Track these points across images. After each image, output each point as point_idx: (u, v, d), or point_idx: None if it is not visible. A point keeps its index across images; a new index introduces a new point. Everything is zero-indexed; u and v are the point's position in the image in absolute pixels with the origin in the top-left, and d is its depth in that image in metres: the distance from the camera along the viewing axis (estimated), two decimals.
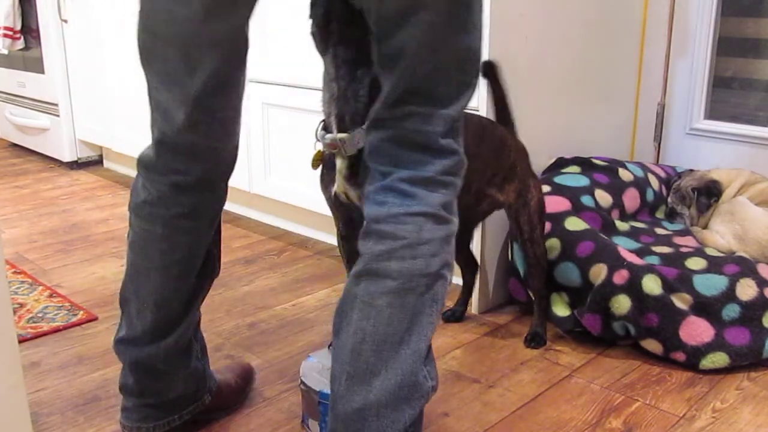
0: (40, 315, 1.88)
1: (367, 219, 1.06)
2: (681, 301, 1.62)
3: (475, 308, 1.90)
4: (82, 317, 1.87)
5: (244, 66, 1.14)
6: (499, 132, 1.60)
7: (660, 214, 2.17)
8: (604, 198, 1.97)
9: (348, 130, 1.16)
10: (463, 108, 1.07)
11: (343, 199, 1.26)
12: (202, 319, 1.35)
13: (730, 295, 1.62)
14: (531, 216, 1.67)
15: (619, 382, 1.58)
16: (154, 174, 1.17)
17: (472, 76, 1.05)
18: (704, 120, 2.33)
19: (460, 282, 1.87)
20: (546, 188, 1.89)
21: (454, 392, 1.54)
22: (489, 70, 1.64)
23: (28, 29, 3.40)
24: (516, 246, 1.83)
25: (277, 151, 2.37)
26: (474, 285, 1.88)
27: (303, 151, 2.23)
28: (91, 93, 3.21)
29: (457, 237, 1.10)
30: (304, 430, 1.41)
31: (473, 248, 1.85)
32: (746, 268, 1.68)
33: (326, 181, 1.28)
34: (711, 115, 2.33)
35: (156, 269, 1.20)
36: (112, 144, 3.17)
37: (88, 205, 2.87)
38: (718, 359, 1.59)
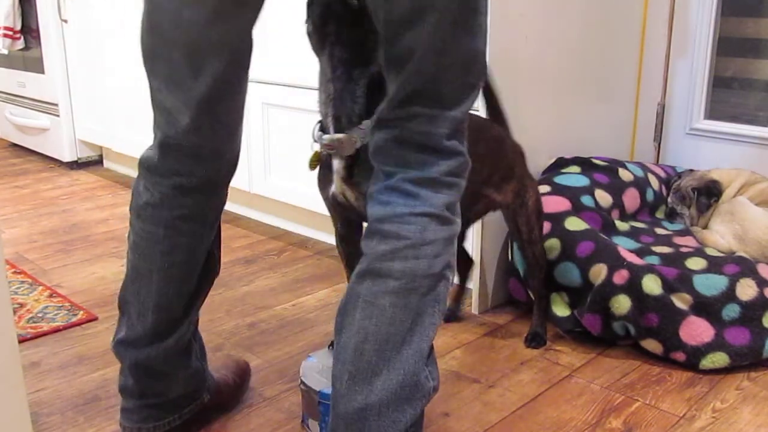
0: (40, 315, 1.88)
1: (371, 218, 1.06)
2: (681, 301, 1.62)
3: (475, 308, 1.90)
4: (82, 317, 1.88)
5: (247, 68, 1.14)
6: (496, 132, 1.60)
7: (660, 214, 2.17)
8: (604, 198, 1.97)
9: (345, 130, 1.16)
10: (468, 109, 1.07)
11: (341, 199, 1.25)
12: (202, 319, 1.35)
13: (730, 295, 1.62)
14: (529, 216, 1.66)
15: (619, 382, 1.58)
16: (157, 176, 1.17)
17: (477, 78, 1.06)
18: (704, 120, 2.33)
19: (457, 281, 1.87)
20: (546, 188, 1.89)
21: (454, 392, 1.54)
22: None
23: (28, 29, 3.40)
24: (515, 246, 1.83)
25: (277, 151, 2.37)
26: (467, 283, 1.88)
27: (303, 151, 2.23)
28: (91, 93, 3.21)
29: None
30: (304, 430, 1.41)
31: (472, 248, 1.85)
32: (746, 268, 1.68)
33: (324, 182, 1.28)
34: (711, 115, 2.33)
35: (157, 271, 1.20)
36: (112, 144, 3.18)
37: (88, 205, 2.87)
38: (718, 359, 1.59)
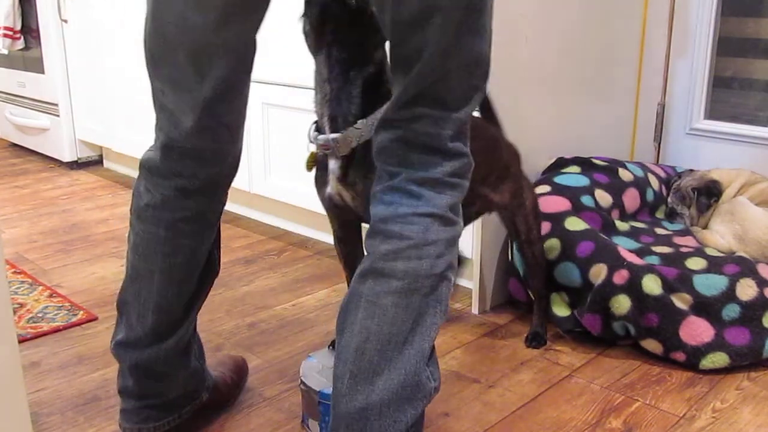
0: (40, 315, 1.88)
1: (374, 218, 1.06)
2: (681, 301, 1.62)
3: (475, 308, 1.90)
4: (82, 317, 1.87)
5: (250, 71, 1.14)
6: (491, 131, 1.60)
7: (660, 214, 2.16)
8: (604, 198, 1.97)
9: (341, 130, 1.16)
10: (472, 111, 1.07)
11: (336, 200, 1.25)
12: (202, 319, 1.35)
13: (730, 295, 1.62)
14: (527, 216, 1.66)
15: (619, 382, 1.58)
16: (158, 178, 1.16)
17: (481, 80, 1.06)
18: (704, 120, 2.33)
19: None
20: (546, 188, 1.89)
21: (454, 392, 1.54)
22: None
23: (28, 29, 3.40)
24: (515, 247, 1.83)
25: (277, 151, 2.37)
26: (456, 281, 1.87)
27: (303, 151, 2.21)
28: (91, 93, 3.21)
29: None
30: (304, 430, 1.41)
31: (471, 248, 1.85)
32: (746, 268, 1.68)
33: (320, 183, 1.27)
34: (711, 115, 2.33)
35: (159, 272, 1.19)
36: (112, 144, 3.17)
37: (88, 205, 2.87)
38: (718, 359, 1.59)
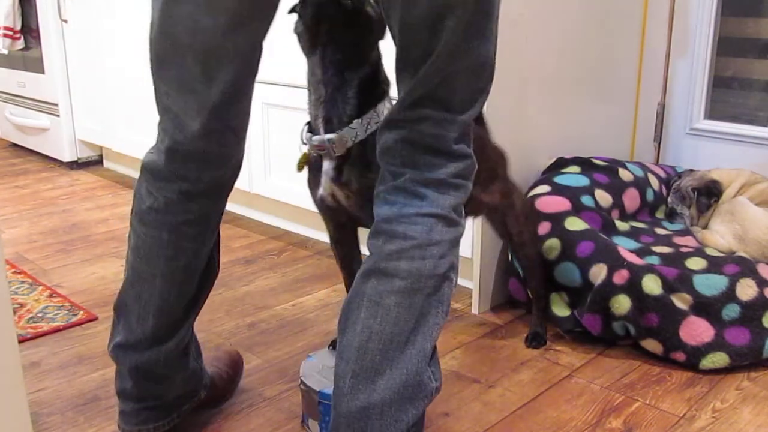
0: (40, 315, 1.88)
1: (378, 218, 1.06)
2: (681, 301, 1.62)
3: (475, 308, 1.90)
4: (82, 317, 1.87)
5: (256, 74, 1.13)
6: (477, 131, 1.58)
7: (660, 214, 2.16)
8: (604, 198, 1.97)
9: (336, 131, 1.15)
10: (477, 114, 1.07)
11: (329, 201, 1.24)
12: (202, 319, 1.35)
13: (730, 295, 1.62)
14: (518, 218, 1.65)
15: (619, 382, 1.58)
16: (162, 181, 1.15)
17: (486, 83, 1.06)
18: (704, 120, 2.33)
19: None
20: (546, 188, 1.89)
21: (454, 392, 1.54)
22: None
23: (28, 29, 3.40)
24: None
25: (277, 151, 2.37)
26: None
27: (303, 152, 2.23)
28: (91, 93, 3.21)
29: None
30: (304, 430, 1.41)
31: (471, 248, 1.85)
32: (746, 268, 1.68)
33: (313, 185, 1.26)
34: (711, 115, 2.33)
35: (161, 275, 1.19)
36: (112, 144, 3.17)
37: (88, 205, 2.87)
38: (718, 359, 1.59)
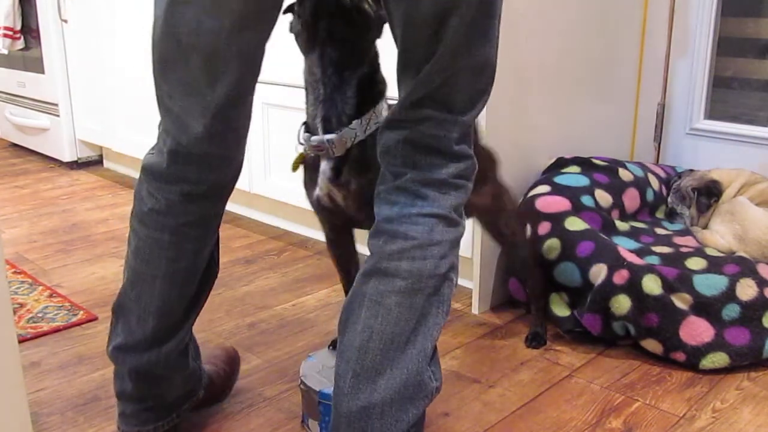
0: (40, 315, 1.88)
1: (378, 218, 1.06)
2: (681, 301, 1.62)
3: (475, 308, 1.90)
4: (82, 317, 1.87)
5: (258, 75, 1.13)
6: None
7: (660, 214, 2.16)
8: (604, 198, 1.97)
9: (334, 131, 1.15)
10: (478, 114, 1.07)
11: (325, 202, 1.23)
12: (202, 319, 1.35)
13: (730, 295, 1.62)
14: (509, 220, 1.64)
15: (619, 382, 1.58)
16: (162, 182, 1.15)
17: (487, 84, 1.06)
18: (704, 120, 2.33)
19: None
20: (546, 188, 1.89)
21: (454, 392, 1.54)
22: None
23: (28, 29, 3.40)
24: None
25: (277, 151, 2.37)
26: None
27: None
28: (91, 93, 3.21)
29: None
30: (304, 430, 1.41)
31: (471, 248, 1.85)
32: (746, 268, 1.68)
33: (309, 185, 1.25)
34: (711, 115, 2.33)
35: (162, 276, 1.18)
36: (112, 144, 3.17)
37: (88, 205, 2.87)
38: (718, 359, 1.59)
